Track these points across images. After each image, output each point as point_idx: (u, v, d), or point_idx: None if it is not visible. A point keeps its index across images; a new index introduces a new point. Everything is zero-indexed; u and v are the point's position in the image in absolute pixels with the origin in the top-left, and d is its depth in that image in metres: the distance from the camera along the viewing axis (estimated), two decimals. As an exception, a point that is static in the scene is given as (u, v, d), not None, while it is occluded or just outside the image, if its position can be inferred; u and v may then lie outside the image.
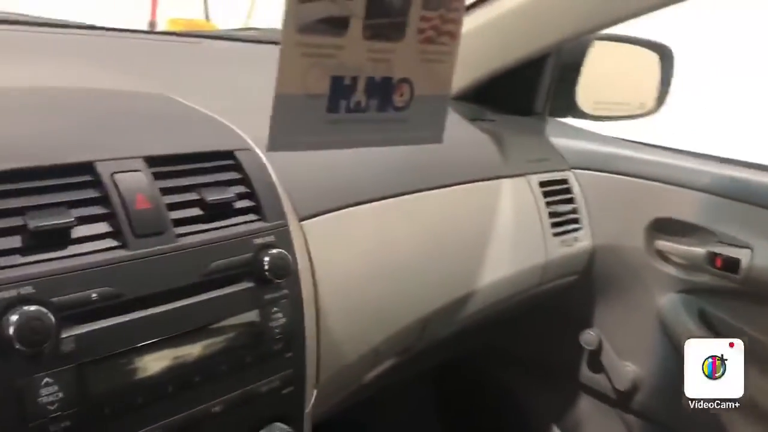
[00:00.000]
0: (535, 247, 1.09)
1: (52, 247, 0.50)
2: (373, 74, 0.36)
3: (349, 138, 0.37)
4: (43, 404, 0.47)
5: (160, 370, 0.54)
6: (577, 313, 1.28)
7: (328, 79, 0.34)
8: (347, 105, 0.36)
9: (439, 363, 1.52)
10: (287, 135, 0.34)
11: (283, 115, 0.33)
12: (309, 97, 0.34)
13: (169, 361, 0.55)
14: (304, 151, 0.37)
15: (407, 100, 0.40)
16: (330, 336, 0.72)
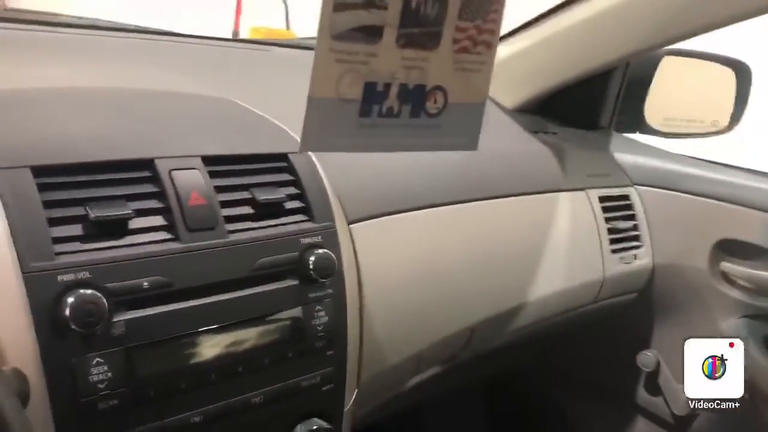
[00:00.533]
0: (592, 263, 1.07)
1: (109, 237, 0.54)
2: (407, 81, 0.38)
3: (381, 142, 0.38)
4: (94, 382, 0.50)
5: (204, 359, 0.57)
6: (635, 334, 1.25)
7: (361, 85, 0.36)
8: (380, 110, 0.37)
9: (490, 378, 1.52)
10: (319, 137, 0.36)
11: (316, 117, 0.35)
12: (342, 101, 0.36)
13: (213, 351, 0.57)
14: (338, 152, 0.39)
15: (441, 107, 0.41)
16: (373, 338, 0.73)
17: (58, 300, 0.49)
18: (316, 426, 0.64)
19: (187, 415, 0.56)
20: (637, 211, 1.16)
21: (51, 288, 0.49)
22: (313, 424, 0.64)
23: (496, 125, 1.14)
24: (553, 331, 1.16)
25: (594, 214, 1.09)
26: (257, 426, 0.61)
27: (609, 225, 1.10)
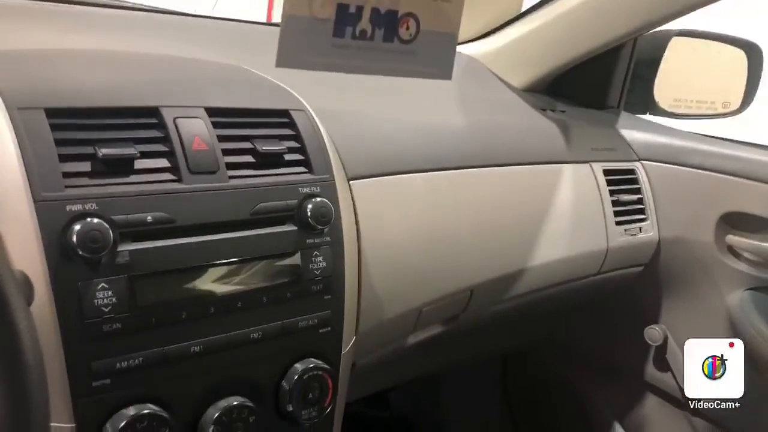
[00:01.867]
0: (596, 233, 1.09)
1: (116, 174, 0.57)
2: (378, 5, 0.41)
3: (355, 63, 0.41)
4: (98, 306, 0.54)
5: (204, 292, 0.60)
6: (642, 309, 1.26)
7: (334, 5, 0.39)
8: (353, 32, 0.40)
9: (502, 355, 1.54)
10: (294, 54, 0.39)
11: (290, 34, 0.38)
12: (316, 20, 0.39)
13: (213, 286, 0.61)
14: (313, 70, 0.42)
15: (413, 33, 0.43)
16: (371, 288, 0.76)
17: (66, 228, 0.53)
18: (313, 365, 0.67)
19: (187, 344, 0.59)
20: (642, 184, 1.18)
21: (60, 216, 0.53)
22: (311, 363, 0.67)
23: (503, 102, 1.17)
24: (559, 303, 1.18)
25: (598, 187, 1.11)
26: (256, 361, 0.64)
27: (613, 198, 1.12)
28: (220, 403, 0.61)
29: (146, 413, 0.56)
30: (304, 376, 0.66)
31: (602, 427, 1.38)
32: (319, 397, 0.68)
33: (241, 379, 0.63)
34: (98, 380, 0.55)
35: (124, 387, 0.56)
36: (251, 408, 0.62)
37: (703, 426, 1.26)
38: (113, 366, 0.55)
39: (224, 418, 0.61)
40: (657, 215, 1.18)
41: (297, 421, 0.67)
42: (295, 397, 0.66)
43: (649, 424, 1.34)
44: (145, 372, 0.57)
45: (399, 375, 1.21)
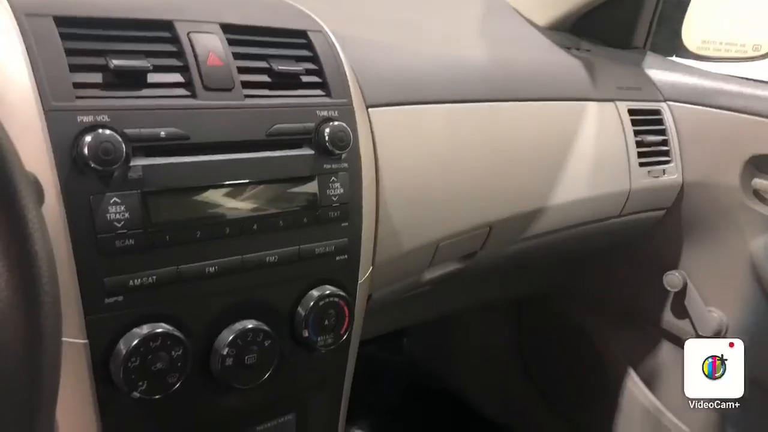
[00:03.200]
0: (619, 174, 1.06)
1: (128, 87, 0.55)
2: None
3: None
4: (111, 221, 0.53)
5: (219, 213, 0.58)
6: (662, 254, 1.24)
7: None
8: None
9: (519, 299, 1.53)
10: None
11: None
12: None
13: (228, 207, 0.59)
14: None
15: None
16: (389, 218, 0.74)
17: (77, 139, 0.51)
18: (329, 291, 0.66)
19: (202, 265, 0.58)
20: (667, 126, 1.14)
21: (71, 127, 0.51)
22: (327, 289, 0.66)
23: (526, 39, 1.13)
24: (578, 246, 1.16)
25: (622, 127, 1.07)
26: (272, 285, 0.63)
27: (638, 138, 1.09)
28: (234, 326, 0.60)
29: (160, 332, 0.55)
30: (321, 303, 0.65)
31: (616, 373, 1.38)
32: (335, 325, 0.67)
33: (257, 303, 0.62)
34: (111, 297, 0.54)
35: (137, 305, 0.55)
36: (266, 332, 0.61)
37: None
38: (126, 283, 0.54)
39: (239, 340, 0.60)
40: (681, 157, 1.15)
41: (313, 347, 0.66)
42: (311, 323, 0.65)
43: (663, 371, 1.33)
44: (159, 291, 0.56)
45: (413, 315, 1.21)
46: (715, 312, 1.19)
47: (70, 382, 0.54)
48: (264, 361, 0.62)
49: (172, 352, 0.56)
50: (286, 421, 0.69)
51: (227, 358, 0.59)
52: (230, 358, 0.59)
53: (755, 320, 1.16)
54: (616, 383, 1.37)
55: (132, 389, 0.54)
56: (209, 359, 0.60)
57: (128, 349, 0.54)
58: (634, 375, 1.36)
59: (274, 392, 0.66)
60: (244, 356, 0.60)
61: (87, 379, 0.55)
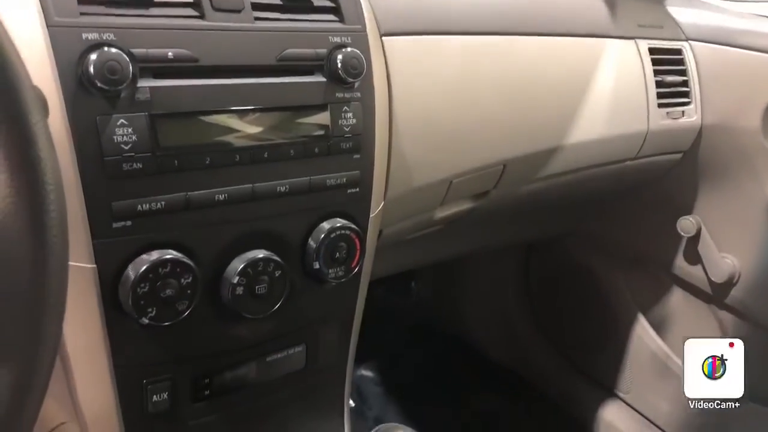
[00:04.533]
0: (637, 114, 1.03)
1: (135, 5, 0.53)
2: None
3: None
4: (118, 143, 0.51)
5: (229, 139, 0.57)
6: (676, 198, 1.22)
7: None
8: None
9: (530, 242, 1.52)
10: None
11: None
12: None
13: (238, 134, 0.57)
14: None
15: None
16: (402, 154, 0.73)
17: (82, 57, 0.50)
18: (340, 224, 0.65)
19: (211, 192, 0.57)
20: (688, 66, 1.11)
21: (75, 44, 0.50)
22: (338, 222, 0.65)
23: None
24: (592, 189, 1.15)
25: (642, 66, 1.04)
26: (282, 216, 0.62)
27: (657, 78, 1.06)
28: (245, 255, 0.59)
29: (169, 258, 0.54)
30: (332, 235, 0.64)
31: (625, 318, 1.37)
32: (346, 258, 0.66)
33: (267, 234, 0.61)
34: (119, 221, 0.52)
35: (146, 231, 0.54)
36: (277, 262, 0.60)
37: (730, 321, 1.25)
38: (134, 208, 0.53)
39: (249, 270, 0.59)
40: (702, 99, 1.12)
41: (323, 279, 0.65)
42: (321, 255, 0.64)
43: (674, 318, 1.33)
44: (168, 217, 0.55)
45: (422, 256, 1.20)
46: (728, 258, 1.17)
47: (78, 307, 0.54)
48: (274, 292, 0.61)
49: (182, 279, 0.55)
50: (296, 352, 0.68)
51: (237, 287, 0.59)
52: (240, 287, 0.59)
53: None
54: (625, 328, 1.37)
55: (141, 315, 0.54)
56: (219, 288, 0.59)
57: (137, 274, 0.53)
58: (643, 320, 1.35)
59: (285, 323, 0.66)
60: (254, 286, 0.59)
61: (95, 304, 0.54)
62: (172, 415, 0.61)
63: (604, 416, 1.42)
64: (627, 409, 1.40)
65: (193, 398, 0.62)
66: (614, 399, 1.43)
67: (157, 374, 0.59)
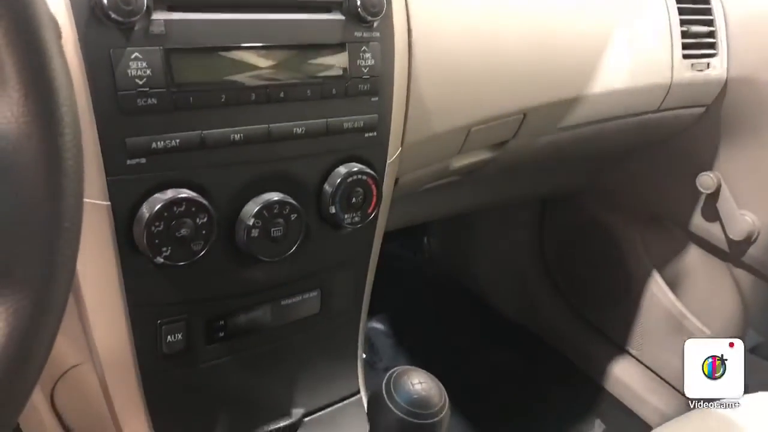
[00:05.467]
0: (660, 66, 1.01)
1: None
2: None
3: None
4: (132, 77, 0.50)
5: (244, 77, 0.55)
6: (697, 154, 1.19)
7: None
8: None
9: (545, 197, 1.50)
10: None
11: None
12: None
13: (254, 71, 0.56)
14: None
15: None
16: (420, 99, 0.71)
17: None
18: (357, 168, 0.63)
19: (227, 131, 0.55)
20: (716, 16, 1.07)
21: None
22: (354, 167, 0.64)
23: None
24: (611, 142, 1.13)
25: (668, 15, 1.01)
26: (298, 159, 0.61)
27: (683, 28, 1.02)
28: (260, 197, 0.59)
29: (184, 197, 0.53)
30: (348, 180, 0.63)
31: (640, 275, 1.36)
32: (362, 203, 0.65)
33: (283, 176, 0.60)
34: (133, 159, 0.52)
35: (160, 169, 0.53)
36: (293, 205, 0.60)
37: (745, 279, 1.24)
38: (149, 145, 0.52)
39: (265, 212, 0.58)
40: (728, 51, 1.08)
41: (339, 224, 0.64)
42: (338, 200, 0.63)
43: (689, 275, 1.32)
44: (183, 156, 0.54)
45: (437, 208, 1.19)
46: (747, 215, 1.15)
47: (93, 246, 0.53)
48: (290, 235, 0.60)
49: (197, 219, 0.54)
50: (310, 297, 0.68)
51: (253, 229, 0.58)
52: (256, 229, 0.58)
53: (789, 225, 1.13)
54: (639, 285, 1.37)
55: (156, 254, 0.53)
56: (235, 230, 0.58)
57: (151, 213, 0.52)
58: (658, 278, 1.34)
59: (299, 268, 0.65)
60: (269, 228, 0.59)
61: (110, 243, 0.54)
62: (186, 356, 0.61)
63: (615, 372, 1.42)
64: (638, 365, 1.40)
65: (207, 340, 0.62)
66: (625, 356, 1.43)
67: (172, 315, 0.59)
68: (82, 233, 0.50)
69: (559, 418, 1.41)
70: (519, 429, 1.37)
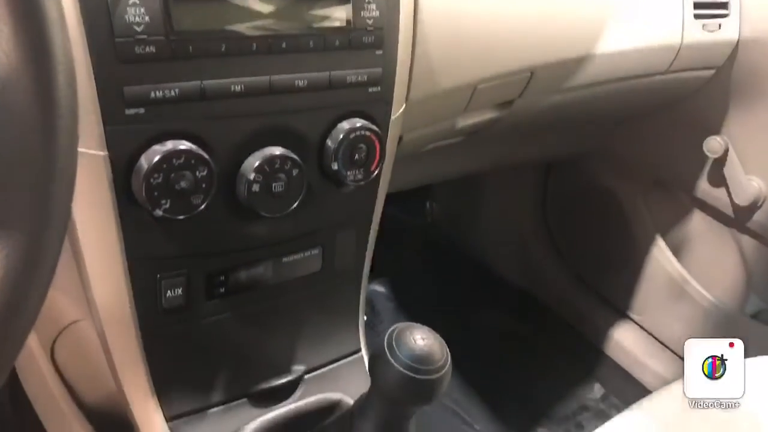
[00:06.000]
0: (670, 26, 0.98)
1: None
2: None
3: None
4: (130, 23, 0.48)
5: (245, 26, 0.54)
6: (705, 118, 1.17)
7: None
8: None
9: (549, 161, 1.49)
10: None
11: None
12: None
13: (255, 21, 0.54)
14: None
15: None
16: (426, 54, 0.69)
17: None
18: (360, 124, 0.62)
19: (227, 82, 0.54)
20: (729, -25, 1.05)
21: None
22: (358, 122, 0.62)
23: None
24: (619, 104, 1.11)
25: (680, -28, 0.99)
26: (300, 113, 0.59)
27: (695, -13, 1.00)
28: (262, 151, 0.57)
29: (183, 149, 0.52)
30: (351, 135, 0.61)
31: (643, 240, 1.36)
32: (365, 160, 0.63)
33: (285, 130, 0.59)
34: (131, 108, 0.50)
35: (159, 120, 0.52)
36: (294, 160, 0.58)
37: (749, 245, 1.23)
38: (147, 94, 0.50)
39: (266, 166, 0.57)
40: (741, 12, 1.06)
41: (342, 181, 0.63)
42: (340, 156, 0.62)
43: (692, 241, 1.31)
44: (182, 106, 0.52)
45: (441, 169, 1.18)
46: (754, 181, 1.14)
47: (91, 198, 0.53)
48: (291, 191, 0.59)
49: (197, 172, 0.53)
50: (312, 255, 0.67)
51: (254, 184, 0.57)
52: (257, 183, 0.57)
53: (796, 190, 1.12)
54: (642, 250, 1.36)
55: (155, 207, 0.52)
56: (235, 184, 0.57)
57: (150, 164, 0.51)
58: (661, 243, 1.34)
59: (301, 225, 0.64)
60: (271, 183, 0.58)
61: (108, 195, 0.53)
62: (186, 311, 0.61)
63: (615, 337, 1.42)
64: (638, 330, 1.41)
65: (207, 295, 0.61)
66: (626, 320, 1.43)
67: (171, 269, 0.58)
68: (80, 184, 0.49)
69: (559, 382, 1.42)
70: (518, 392, 1.38)
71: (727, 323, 1.25)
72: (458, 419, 1.31)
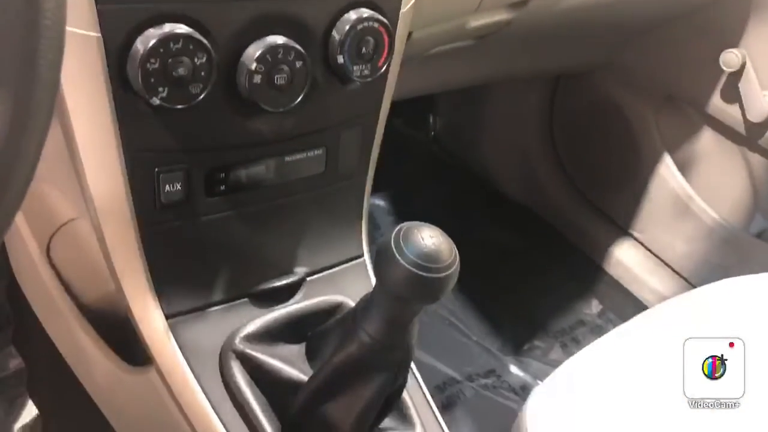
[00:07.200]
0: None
1: None
2: None
3: None
4: None
5: None
6: (722, 30, 1.13)
7: None
8: None
9: (558, 74, 1.45)
10: None
11: None
12: None
13: None
14: None
15: None
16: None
17: None
18: (368, 14, 0.58)
19: None
20: None
21: None
22: (365, 12, 0.58)
23: None
24: (633, 14, 1.06)
25: None
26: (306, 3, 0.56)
27: None
28: (263, 40, 0.54)
29: (181, 33, 0.49)
30: (358, 26, 0.58)
31: (650, 157, 1.33)
32: (373, 55, 0.60)
33: (288, 18, 0.55)
34: None
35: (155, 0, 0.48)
36: (298, 51, 0.55)
37: (758, 163, 1.21)
38: None
39: (268, 56, 0.54)
40: None
41: (348, 76, 0.60)
42: (346, 48, 0.58)
43: (701, 159, 1.29)
44: None
45: (448, 76, 1.14)
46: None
47: (85, 84, 0.50)
48: (295, 84, 0.56)
49: (195, 58, 0.50)
50: (315, 155, 0.65)
51: (255, 74, 0.54)
52: (258, 75, 0.54)
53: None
54: (648, 167, 1.34)
55: (152, 95, 0.49)
56: (236, 75, 0.54)
57: (146, 48, 0.48)
58: (669, 160, 1.31)
59: (305, 122, 0.62)
60: (273, 75, 0.55)
61: (102, 81, 0.50)
62: (185, 207, 0.59)
63: (615, 254, 1.42)
64: (639, 247, 1.40)
65: (207, 192, 0.59)
66: (627, 237, 1.43)
67: (170, 163, 0.56)
68: (73, 68, 0.46)
69: (557, 297, 1.42)
70: (517, 306, 1.38)
71: (731, 242, 1.24)
72: (455, 330, 1.33)
